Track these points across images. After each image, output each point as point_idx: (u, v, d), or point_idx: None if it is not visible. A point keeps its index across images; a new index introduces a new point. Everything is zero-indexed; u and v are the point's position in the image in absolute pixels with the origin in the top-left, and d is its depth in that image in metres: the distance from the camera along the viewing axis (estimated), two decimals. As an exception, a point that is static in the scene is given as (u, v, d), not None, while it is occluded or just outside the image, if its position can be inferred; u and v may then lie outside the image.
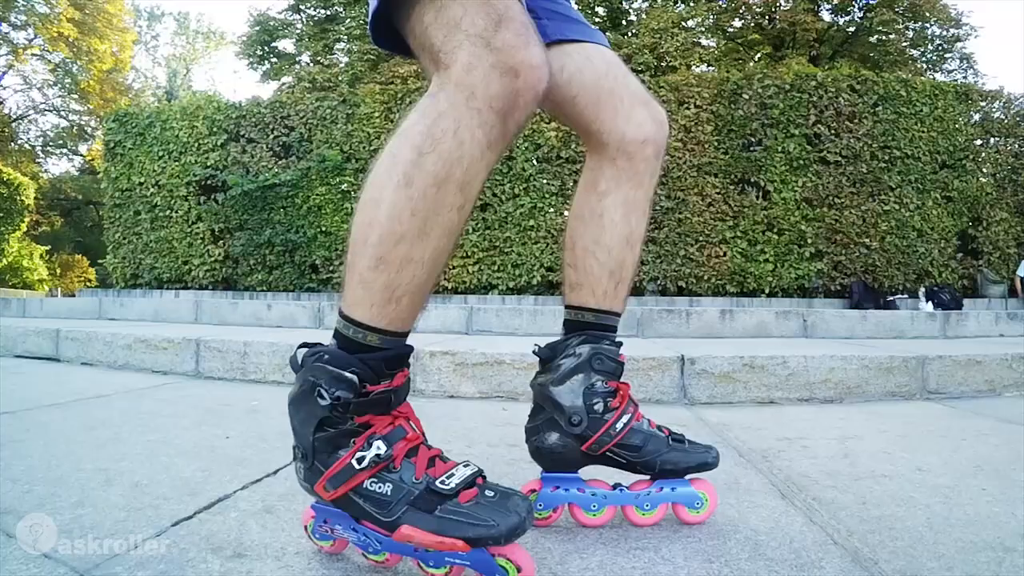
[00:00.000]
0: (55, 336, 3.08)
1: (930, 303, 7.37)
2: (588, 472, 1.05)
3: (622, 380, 1.07)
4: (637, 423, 1.03)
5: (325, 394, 0.78)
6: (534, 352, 1.09)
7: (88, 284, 30.24)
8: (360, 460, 0.78)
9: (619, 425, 1.01)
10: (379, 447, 0.79)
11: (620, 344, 1.08)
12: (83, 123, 29.71)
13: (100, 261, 10.52)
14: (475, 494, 0.79)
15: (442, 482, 0.79)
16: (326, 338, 0.87)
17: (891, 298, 7.41)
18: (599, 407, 1.01)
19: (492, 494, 0.79)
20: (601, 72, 1.05)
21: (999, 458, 1.48)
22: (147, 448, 1.38)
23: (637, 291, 7.33)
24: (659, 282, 7.44)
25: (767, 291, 7.46)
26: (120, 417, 1.71)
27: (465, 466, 0.83)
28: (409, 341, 0.86)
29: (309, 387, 0.80)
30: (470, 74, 0.75)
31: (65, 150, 30.71)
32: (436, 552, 0.78)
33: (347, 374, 0.78)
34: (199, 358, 2.60)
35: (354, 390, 0.78)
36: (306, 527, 0.88)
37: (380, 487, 0.78)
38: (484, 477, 0.83)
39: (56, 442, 1.41)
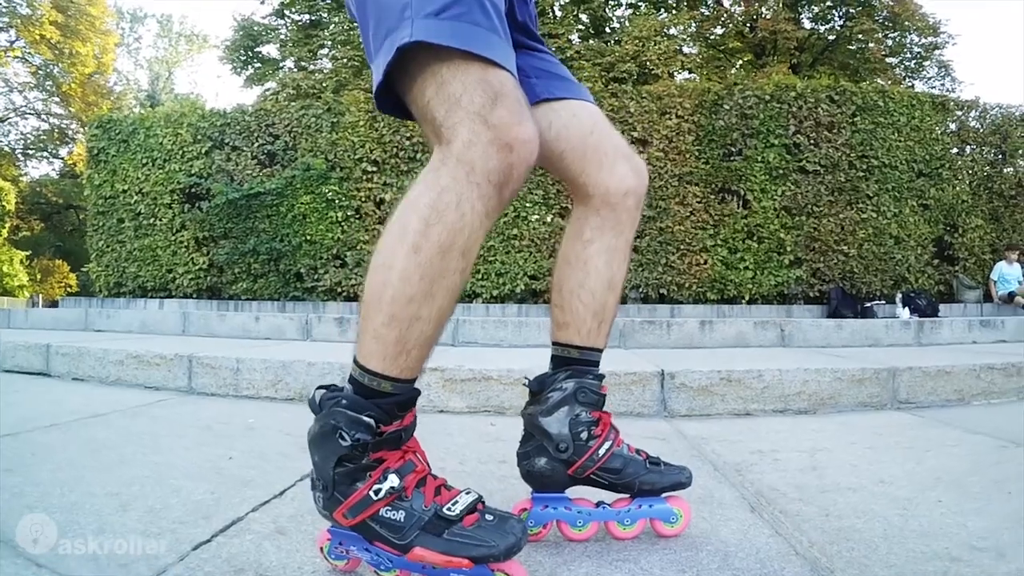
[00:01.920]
0: (45, 351, 3.11)
1: (907, 309, 7.52)
2: (574, 491, 1.14)
3: (604, 409, 1.17)
4: (618, 448, 1.14)
5: (346, 436, 0.88)
6: (524, 384, 1.18)
7: (69, 290, 29.91)
8: (377, 492, 0.88)
9: (601, 451, 1.12)
10: (393, 480, 0.89)
11: (602, 376, 1.18)
12: (64, 126, 29.36)
13: (84, 268, 10.43)
14: (477, 518, 0.89)
15: (448, 508, 0.88)
16: (314, 351, 0.95)
17: (868, 304, 7.55)
18: (584, 435, 1.11)
19: (491, 518, 0.90)
20: (587, 129, 1.15)
21: (959, 470, 1.57)
22: (154, 471, 1.44)
23: (619, 299, 7.42)
24: (641, 290, 7.54)
25: (747, 298, 7.58)
26: (121, 438, 1.76)
27: (467, 493, 0.92)
28: None
29: (330, 429, 0.89)
30: (470, 150, 0.84)
31: (46, 153, 30.35)
32: (443, 569, 0.87)
33: (364, 418, 0.88)
34: (192, 374, 2.65)
35: (371, 432, 0.88)
36: (322, 548, 0.96)
37: (394, 515, 0.88)
38: (484, 502, 0.93)
39: (63, 466, 1.46)
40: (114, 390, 2.70)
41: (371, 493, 0.88)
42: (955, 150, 8.30)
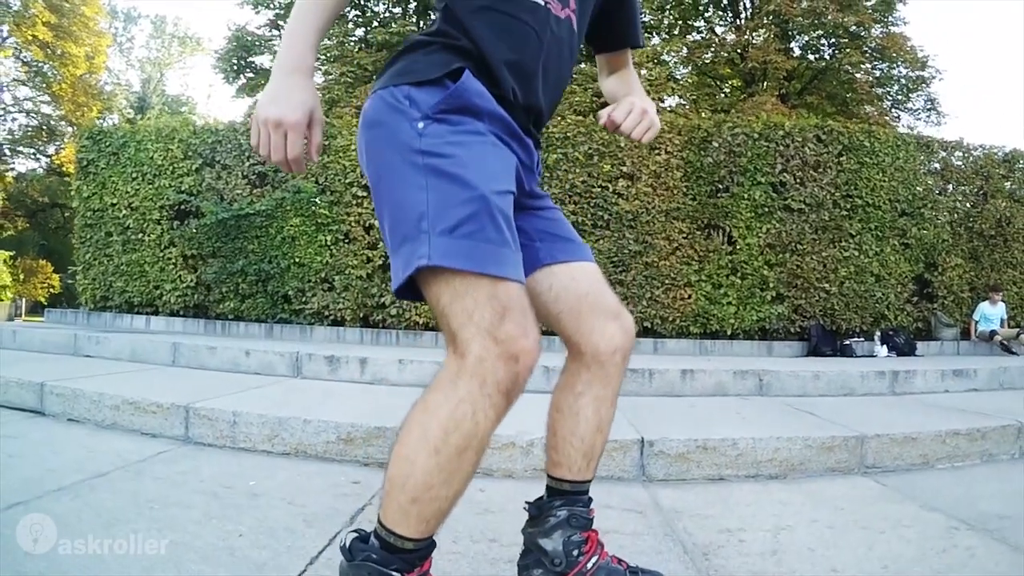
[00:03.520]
0: (39, 390, 3.18)
1: (885, 346, 7.73)
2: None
3: (592, 528, 1.34)
4: (603, 561, 1.30)
5: None
6: (524, 508, 1.37)
7: (52, 291, 29.68)
8: None
9: (589, 565, 1.28)
10: None
11: (591, 500, 1.34)
12: (53, 124, 29.14)
13: (71, 273, 10.40)
14: None
15: None
16: (304, 388, 1.06)
17: (848, 341, 7.74)
18: (575, 552, 1.28)
19: None
20: (583, 292, 1.29)
21: (907, 557, 1.69)
22: (171, 553, 1.51)
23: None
24: (626, 322, 7.64)
25: (729, 332, 7.73)
26: (131, 507, 1.82)
27: None
28: (386, 398, 1.11)
29: None
30: (481, 365, 0.97)
31: (32, 150, 30.10)
32: None
33: (391, 573, 1.02)
34: (188, 424, 2.73)
35: None
36: None
37: None
38: None
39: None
40: (111, 436, 2.77)
41: None
42: (938, 190, 8.51)
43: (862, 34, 19.46)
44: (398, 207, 1.05)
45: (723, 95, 22.50)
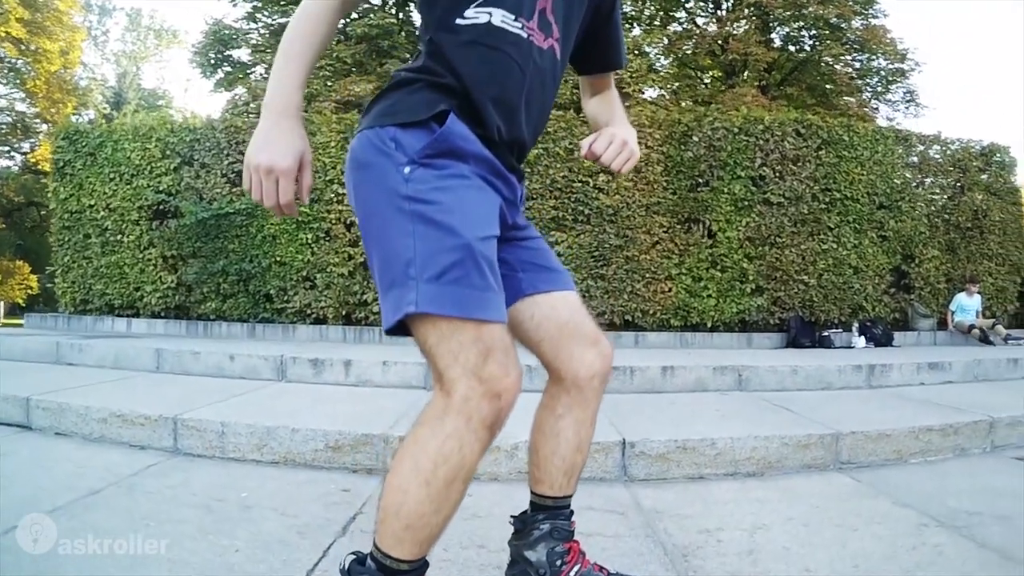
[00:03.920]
0: (25, 404, 3.17)
1: (862, 337, 7.86)
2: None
3: (574, 539, 1.41)
4: (585, 569, 1.38)
5: None
6: (510, 522, 1.44)
7: (30, 291, 29.32)
8: None
9: (572, 574, 1.36)
10: None
11: (572, 513, 1.42)
12: (28, 122, 28.62)
13: (49, 273, 10.27)
14: None
15: None
16: (290, 392, 1.17)
17: (826, 333, 7.86)
18: (558, 563, 1.36)
19: None
20: (563, 320, 1.34)
21: (878, 555, 1.77)
22: (171, 572, 1.55)
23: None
24: (606, 316, 7.71)
25: (710, 325, 7.83)
26: (127, 524, 1.84)
27: None
28: (371, 401, 1.15)
29: None
30: (467, 404, 1.04)
31: (7, 148, 29.54)
32: None
33: None
34: (177, 435, 2.76)
35: None
36: None
37: None
38: None
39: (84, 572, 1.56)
40: (100, 449, 2.78)
41: None
42: (915, 183, 8.65)
43: (842, 26, 19.52)
44: (386, 249, 1.10)
45: (703, 86, 22.56)
